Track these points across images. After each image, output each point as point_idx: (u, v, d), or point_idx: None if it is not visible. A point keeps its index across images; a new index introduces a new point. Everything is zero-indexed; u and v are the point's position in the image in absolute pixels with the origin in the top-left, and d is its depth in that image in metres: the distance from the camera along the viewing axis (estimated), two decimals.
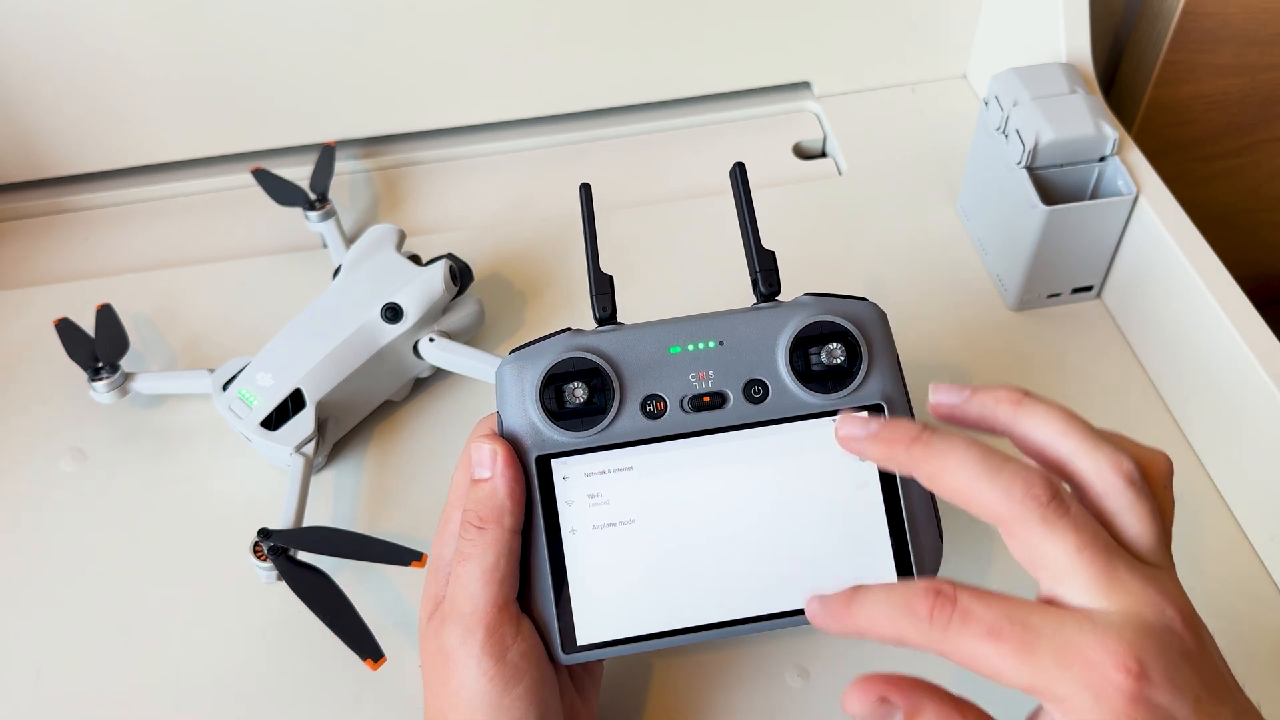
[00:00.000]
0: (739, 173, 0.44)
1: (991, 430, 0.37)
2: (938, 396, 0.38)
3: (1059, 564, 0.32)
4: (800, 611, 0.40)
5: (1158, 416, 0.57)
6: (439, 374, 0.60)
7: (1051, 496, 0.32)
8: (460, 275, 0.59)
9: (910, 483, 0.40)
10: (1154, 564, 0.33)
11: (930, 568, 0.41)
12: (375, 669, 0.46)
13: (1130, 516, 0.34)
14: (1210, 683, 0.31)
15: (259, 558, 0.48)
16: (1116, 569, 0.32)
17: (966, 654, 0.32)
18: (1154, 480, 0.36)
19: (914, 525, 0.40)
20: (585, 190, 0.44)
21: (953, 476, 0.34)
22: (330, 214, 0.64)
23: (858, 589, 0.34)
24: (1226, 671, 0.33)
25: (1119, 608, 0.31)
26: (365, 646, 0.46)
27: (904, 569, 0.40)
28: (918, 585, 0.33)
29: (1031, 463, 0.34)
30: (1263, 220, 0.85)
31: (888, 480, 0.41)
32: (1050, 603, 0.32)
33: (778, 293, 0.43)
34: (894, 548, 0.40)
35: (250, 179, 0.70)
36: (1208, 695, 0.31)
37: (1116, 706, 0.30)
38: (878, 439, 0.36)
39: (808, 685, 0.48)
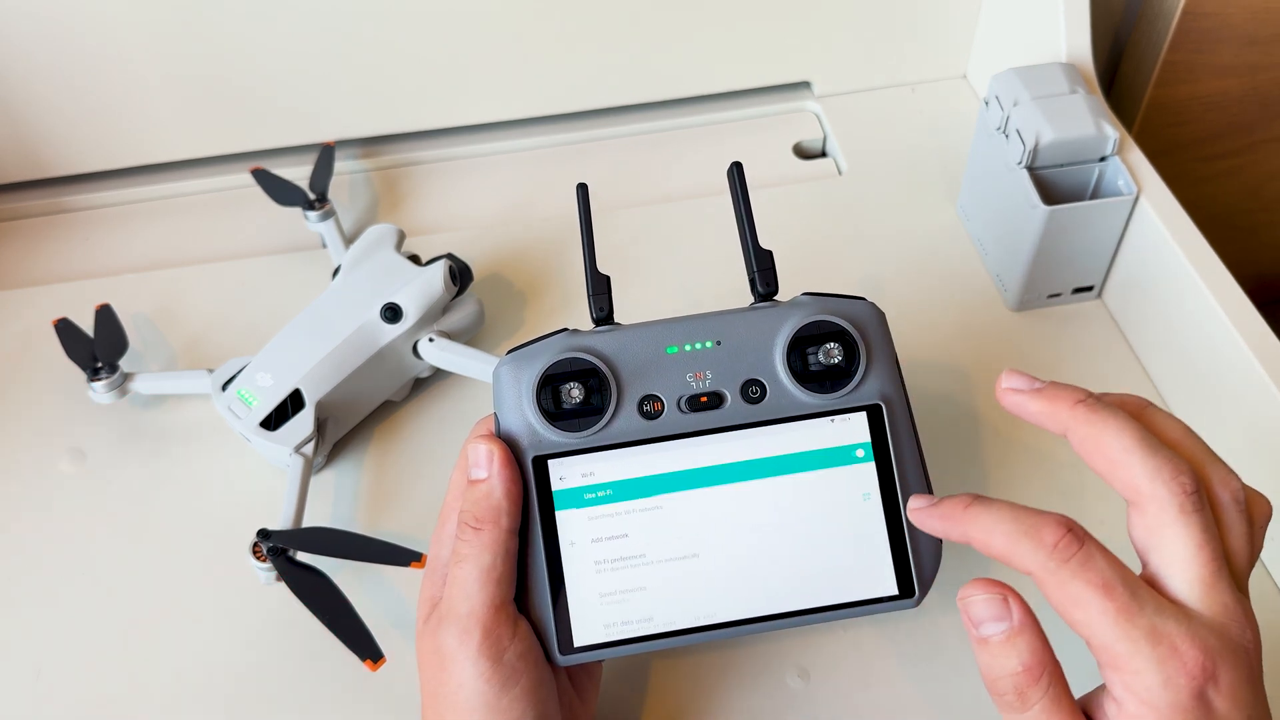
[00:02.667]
0: (736, 172, 0.44)
1: (1052, 427, 0.37)
2: (1010, 382, 0.38)
3: (1176, 554, 0.33)
4: (798, 613, 0.40)
5: None
6: (439, 374, 0.60)
7: (1194, 489, 0.34)
8: (460, 275, 0.59)
9: (909, 481, 0.40)
10: (1241, 588, 0.35)
11: (928, 562, 0.40)
12: (375, 669, 0.46)
13: (1234, 534, 0.35)
14: (1262, 709, 0.33)
15: (258, 558, 0.48)
16: (1221, 578, 0.33)
17: (1072, 596, 0.33)
18: (1253, 517, 0.37)
19: (912, 522, 0.40)
20: (582, 190, 0.43)
21: (1109, 444, 0.35)
22: (330, 214, 0.64)
23: (979, 497, 0.36)
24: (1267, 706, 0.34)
25: (1211, 614, 0.33)
26: (364, 647, 0.46)
27: (902, 565, 0.40)
28: (1050, 515, 0.34)
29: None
30: (1263, 220, 0.84)
31: (885, 479, 0.41)
32: (1150, 583, 0.34)
33: (775, 292, 0.43)
34: (892, 545, 0.40)
35: (250, 179, 0.70)
36: (1259, 718, 0.32)
37: (1180, 698, 0.31)
38: (1042, 394, 0.37)
39: (808, 685, 0.48)
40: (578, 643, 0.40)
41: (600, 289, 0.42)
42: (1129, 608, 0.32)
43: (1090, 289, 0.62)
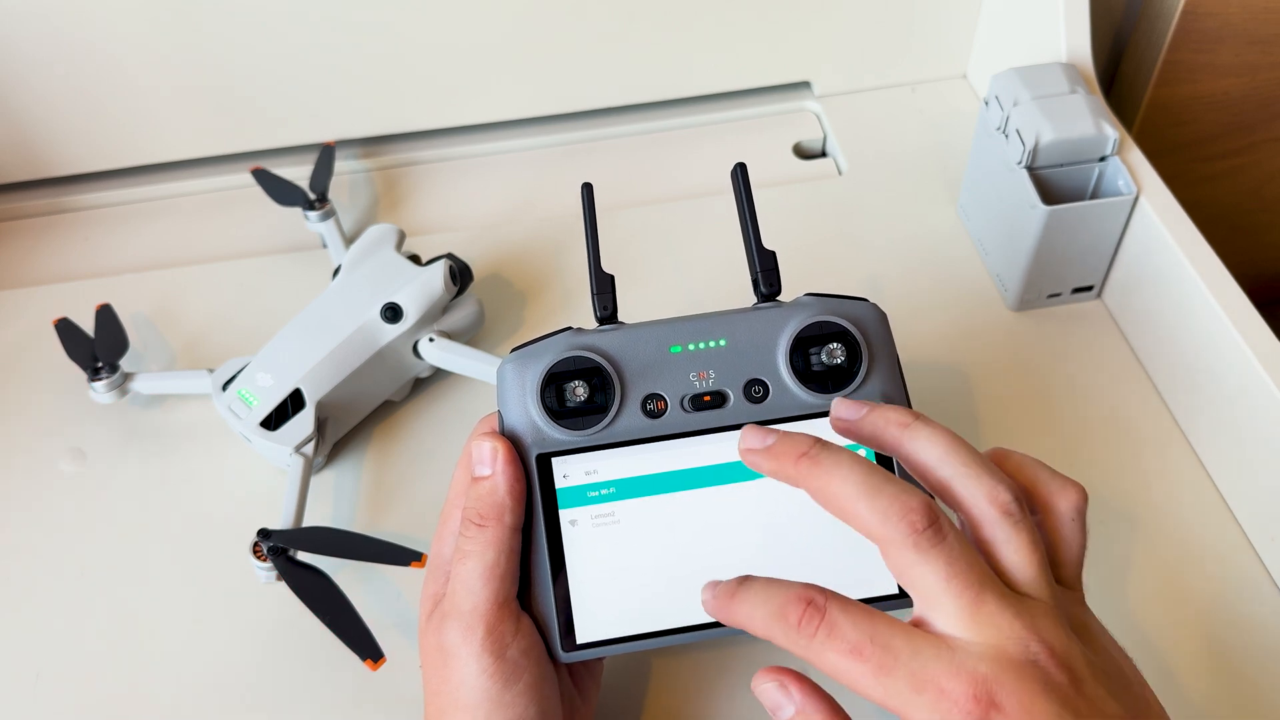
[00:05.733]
0: (740, 173, 0.44)
1: (882, 449, 0.37)
2: (837, 411, 0.38)
3: (928, 590, 0.33)
4: None
5: (1158, 416, 0.57)
6: (439, 374, 0.60)
7: (928, 524, 0.33)
8: (460, 275, 0.59)
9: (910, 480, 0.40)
10: (1032, 595, 0.33)
11: None
12: (375, 669, 0.46)
13: (1007, 548, 0.34)
14: (1083, 714, 0.31)
15: (259, 558, 0.48)
16: (985, 601, 0.32)
17: (828, 666, 0.33)
18: (1057, 514, 0.36)
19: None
20: (587, 190, 0.44)
21: (835, 493, 0.34)
22: (330, 214, 0.64)
23: (744, 580, 0.36)
24: (1126, 701, 0.33)
25: (982, 639, 0.32)
26: (365, 647, 0.46)
27: None
28: (793, 591, 0.34)
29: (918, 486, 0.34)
30: (1263, 220, 0.85)
31: None
32: (919, 625, 0.33)
33: (778, 293, 0.43)
34: None
35: (250, 179, 0.70)
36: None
37: None
38: (770, 453, 0.36)
39: None
40: (580, 639, 0.40)
41: (604, 288, 0.42)
42: (884, 664, 0.32)
43: (1090, 289, 0.62)
